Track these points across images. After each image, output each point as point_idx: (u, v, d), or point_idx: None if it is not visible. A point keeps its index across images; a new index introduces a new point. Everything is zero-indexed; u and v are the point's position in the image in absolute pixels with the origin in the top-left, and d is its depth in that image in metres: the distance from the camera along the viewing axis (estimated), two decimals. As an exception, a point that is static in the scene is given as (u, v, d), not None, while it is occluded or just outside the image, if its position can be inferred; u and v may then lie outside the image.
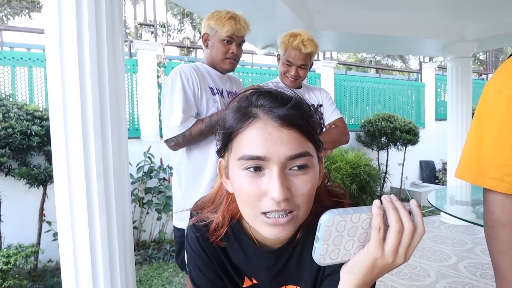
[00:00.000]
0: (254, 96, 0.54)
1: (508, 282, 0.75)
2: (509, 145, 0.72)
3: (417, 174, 5.90)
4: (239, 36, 1.37)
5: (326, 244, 0.45)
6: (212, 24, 1.36)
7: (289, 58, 1.56)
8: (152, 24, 4.26)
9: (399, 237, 0.45)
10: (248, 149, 0.50)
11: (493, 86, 0.75)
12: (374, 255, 0.45)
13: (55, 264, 2.75)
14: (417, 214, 0.46)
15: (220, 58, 1.39)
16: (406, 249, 0.46)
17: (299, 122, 0.51)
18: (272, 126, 0.50)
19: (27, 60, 3.07)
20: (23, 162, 2.49)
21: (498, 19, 3.31)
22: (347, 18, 3.09)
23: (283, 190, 0.48)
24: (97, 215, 1.07)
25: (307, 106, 0.55)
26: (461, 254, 2.95)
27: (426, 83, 6.20)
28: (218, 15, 1.36)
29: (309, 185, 0.51)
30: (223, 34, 1.34)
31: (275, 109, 0.51)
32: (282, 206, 0.49)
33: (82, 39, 1.03)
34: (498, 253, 0.76)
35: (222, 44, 1.37)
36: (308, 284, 0.64)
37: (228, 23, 1.33)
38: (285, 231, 0.51)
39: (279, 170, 0.49)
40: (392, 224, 0.45)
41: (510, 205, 0.74)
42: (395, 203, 0.46)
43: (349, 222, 0.45)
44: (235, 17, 1.35)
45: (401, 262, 0.46)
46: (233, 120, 0.53)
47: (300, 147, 0.50)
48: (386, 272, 0.48)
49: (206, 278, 0.67)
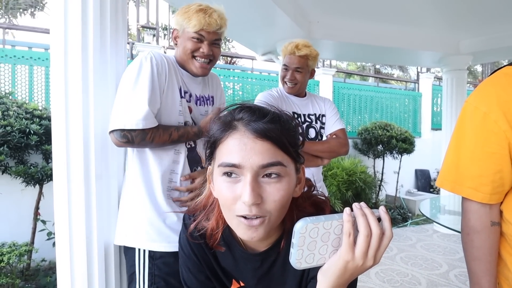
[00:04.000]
0: (236, 110, 0.60)
1: (481, 286, 0.79)
2: (484, 157, 0.77)
3: (412, 183, 5.95)
4: (210, 32, 1.11)
5: (301, 250, 0.49)
6: (179, 19, 1.13)
7: (285, 62, 1.61)
8: (154, 27, 4.30)
9: (368, 241, 0.49)
10: (226, 157, 0.56)
11: (471, 103, 0.80)
12: (346, 258, 0.49)
13: (48, 264, 2.74)
14: (385, 220, 0.50)
15: (187, 57, 1.13)
16: (375, 252, 0.50)
17: (273, 135, 0.56)
18: (248, 138, 0.55)
19: (28, 59, 3.09)
20: (20, 160, 2.49)
21: (493, 33, 3.39)
22: (346, 29, 3.15)
23: (254, 196, 0.53)
24: (94, 217, 1.09)
25: (286, 121, 0.60)
26: (452, 263, 2.98)
27: (423, 93, 6.29)
28: (187, 8, 1.12)
29: (281, 192, 0.55)
30: (190, 29, 1.10)
31: (252, 122, 0.56)
32: (253, 211, 0.54)
33: (86, 43, 1.05)
34: (473, 259, 0.80)
35: (190, 41, 1.11)
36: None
37: (195, 17, 1.09)
38: (257, 231, 0.56)
39: (252, 177, 0.54)
40: (361, 229, 0.49)
41: (485, 214, 0.79)
42: (364, 210, 0.50)
43: (322, 228, 0.49)
44: (205, 10, 1.10)
45: (371, 264, 0.50)
46: (217, 130, 0.59)
47: (272, 157, 0.55)
48: (358, 274, 0.51)
49: (196, 279, 0.72)
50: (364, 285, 2.55)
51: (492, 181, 0.76)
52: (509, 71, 0.79)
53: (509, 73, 0.79)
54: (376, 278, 2.68)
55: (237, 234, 0.59)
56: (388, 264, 2.96)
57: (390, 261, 3.01)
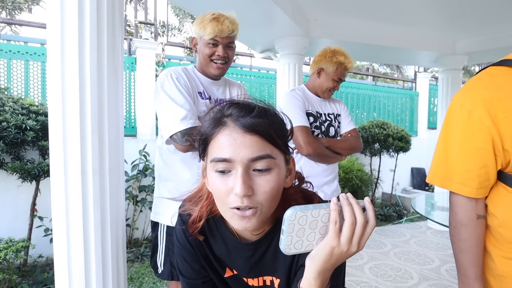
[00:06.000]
0: (226, 107, 0.62)
1: (468, 277, 0.82)
2: (470, 153, 0.80)
3: (408, 181, 5.99)
4: (223, 37, 1.29)
5: (290, 236, 0.52)
6: (196, 28, 1.31)
7: (340, 76, 1.69)
8: (152, 23, 4.29)
9: (353, 229, 0.52)
10: (217, 152, 0.59)
11: (457, 101, 0.83)
12: (331, 244, 0.52)
13: (45, 260, 2.75)
14: (369, 210, 0.53)
15: (206, 62, 1.32)
16: (359, 239, 0.53)
17: (261, 129, 0.58)
18: (237, 133, 0.58)
19: (24, 54, 3.07)
20: (16, 156, 2.49)
21: (488, 34, 3.42)
22: (343, 27, 3.16)
23: (245, 187, 0.56)
24: (91, 212, 1.10)
25: (273, 114, 0.62)
26: (444, 258, 3.03)
27: (420, 92, 6.32)
28: (202, 18, 1.30)
29: (271, 184, 0.58)
30: (206, 37, 1.28)
31: (241, 118, 0.59)
32: (245, 202, 0.57)
33: (83, 39, 1.06)
34: (460, 251, 0.83)
35: (207, 47, 1.30)
36: (283, 275, 0.71)
37: (210, 25, 1.26)
38: (250, 222, 0.59)
39: (243, 170, 0.57)
40: (347, 217, 0.52)
41: (472, 208, 0.82)
42: (350, 200, 0.53)
43: (310, 216, 0.52)
44: (218, 18, 1.28)
45: (355, 251, 0.53)
46: (208, 127, 0.62)
47: (261, 150, 0.58)
48: (343, 259, 0.55)
49: (190, 268, 0.75)
50: (358, 279, 2.59)
51: (478, 176, 0.79)
52: (493, 71, 0.82)
53: (493, 72, 0.82)
54: (369, 272, 2.71)
55: (232, 225, 0.61)
56: (382, 259, 3.00)
57: (384, 257, 3.05)
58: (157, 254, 1.36)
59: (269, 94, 4.67)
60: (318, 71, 1.71)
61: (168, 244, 1.32)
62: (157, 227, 1.37)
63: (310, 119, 1.65)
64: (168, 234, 1.32)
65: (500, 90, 0.77)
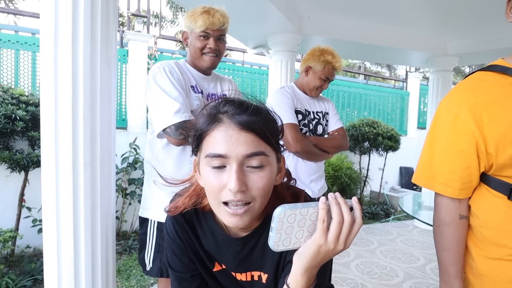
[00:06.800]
0: (221, 104, 0.63)
1: (449, 274, 0.86)
2: (454, 155, 0.83)
3: (396, 180, 6.10)
4: (214, 30, 1.29)
5: (279, 233, 0.53)
6: (187, 22, 1.31)
7: (327, 75, 1.70)
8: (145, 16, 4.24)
9: (340, 227, 0.54)
10: (213, 148, 0.60)
11: (444, 104, 0.86)
12: (319, 242, 0.54)
13: (33, 250, 2.73)
14: (356, 209, 0.55)
15: (197, 55, 1.32)
16: (346, 238, 0.54)
17: (256, 127, 0.60)
18: (233, 129, 0.59)
19: (15, 43, 3.02)
20: (5, 146, 2.46)
21: (479, 36, 3.48)
22: (336, 25, 3.18)
23: (239, 183, 0.57)
24: (81, 204, 1.10)
25: (267, 113, 0.64)
26: (429, 257, 3.10)
27: (410, 92, 6.41)
28: (193, 11, 1.30)
29: (264, 180, 0.60)
30: (197, 30, 1.28)
31: (236, 115, 0.60)
32: (238, 197, 0.58)
33: (77, 30, 1.05)
34: (442, 249, 0.87)
35: (198, 40, 1.30)
36: (271, 270, 0.72)
37: (200, 18, 1.27)
38: (242, 220, 0.60)
39: (237, 166, 0.58)
40: (334, 216, 0.54)
41: (454, 208, 0.85)
42: (338, 199, 0.55)
43: (299, 215, 0.53)
44: (208, 11, 1.28)
45: (342, 249, 0.55)
46: (203, 123, 0.63)
47: (256, 147, 0.59)
48: (330, 257, 0.56)
49: (180, 261, 0.76)
50: (344, 276, 2.65)
51: (461, 177, 0.82)
52: (480, 76, 0.84)
53: (480, 77, 0.84)
54: (356, 270, 2.77)
55: (222, 221, 0.63)
56: (368, 257, 3.06)
57: (370, 254, 3.12)
58: (145, 251, 1.35)
59: (261, 90, 4.69)
60: (306, 69, 1.73)
61: (159, 240, 1.31)
62: (145, 223, 1.35)
63: (299, 117, 1.67)
64: (158, 230, 1.31)
65: (486, 95, 0.79)
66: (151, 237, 1.33)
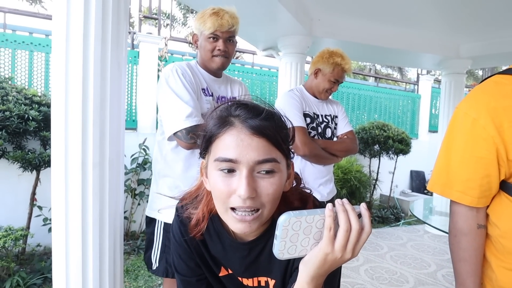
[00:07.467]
0: (233, 107, 0.61)
1: (466, 287, 0.82)
2: (473, 161, 0.79)
3: (407, 183, 6.00)
4: (224, 31, 1.29)
5: (284, 241, 0.52)
6: (197, 24, 1.32)
7: (337, 77, 1.70)
8: (156, 18, 4.28)
9: (347, 235, 0.52)
10: (223, 152, 0.58)
11: (462, 109, 0.83)
12: (325, 250, 0.52)
13: (43, 249, 2.77)
14: (365, 216, 0.53)
15: (207, 57, 1.33)
16: (354, 246, 0.52)
17: (268, 132, 0.58)
18: (245, 134, 0.57)
19: (29, 44, 3.08)
20: (18, 145, 2.51)
21: (493, 39, 3.40)
22: (347, 28, 3.16)
23: (249, 189, 0.55)
24: (90, 204, 1.11)
25: (279, 118, 0.62)
26: (441, 263, 3.04)
27: (422, 95, 6.31)
28: (202, 13, 1.30)
29: (274, 187, 0.58)
30: (206, 31, 1.29)
31: (249, 120, 0.58)
32: (247, 203, 0.56)
33: (88, 32, 1.06)
34: (459, 260, 0.83)
35: (208, 42, 1.30)
36: (279, 276, 0.71)
37: (209, 20, 1.27)
38: (250, 227, 0.59)
39: (248, 172, 0.56)
40: (341, 224, 0.52)
41: (472, 217, 0.81)
42: (345, 206, 0.53)
43: (304, 222, 0.51)
44: (218, 12, 1.28)
45: (349, 257, 0.53)
46: (214, 126, 0.61)
47: (267, 153, 0.57)
48: (337, 265, 0.54)
49: (186, 265, 0.75)
50: (353, 281, 2.61)
51: (480, 185, 0.78)
52: (499, 79, 0.81)
53: (499, 81, 0.81)
54: (365, 275, 2.73)
55: (229, 227, 0.61)
56: (378, 262, 3.01)
57: (380, 259, 3.06)
58: (151, 250, 1.36)
59: (271, 92, 4.68)
60: (315, 71, 1.72)
61: (165, 240, 1.32)
62: (153, 223, 1.36)
63: (307, 120, 1.65)
64: (165, 230, 1.32)
65: (506, 99, 0.76)
66: (158, 237, 1.34)
